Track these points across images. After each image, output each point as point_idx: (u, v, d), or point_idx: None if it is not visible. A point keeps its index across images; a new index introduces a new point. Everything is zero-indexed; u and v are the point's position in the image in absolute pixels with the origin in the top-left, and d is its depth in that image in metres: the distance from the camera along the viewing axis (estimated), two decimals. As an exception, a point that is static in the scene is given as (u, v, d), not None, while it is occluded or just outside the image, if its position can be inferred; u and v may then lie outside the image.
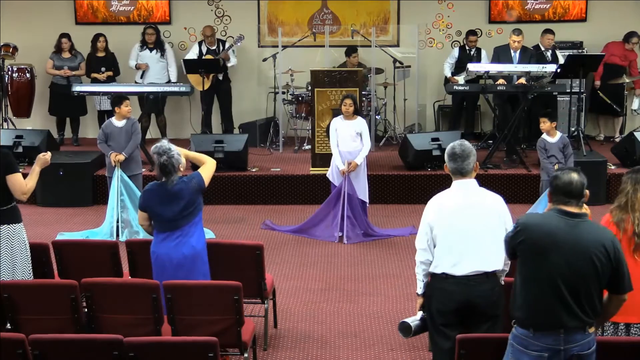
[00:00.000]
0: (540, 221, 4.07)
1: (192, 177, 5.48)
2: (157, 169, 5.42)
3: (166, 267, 5.38)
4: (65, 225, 9.09)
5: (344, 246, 8.38)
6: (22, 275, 5.66)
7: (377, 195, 9.65)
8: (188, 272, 5.36)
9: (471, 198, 4.65)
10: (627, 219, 4.67)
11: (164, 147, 5.41)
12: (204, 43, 11.72)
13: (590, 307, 3.97)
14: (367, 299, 6.97)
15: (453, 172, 4.69)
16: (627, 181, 4.78)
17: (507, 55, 10.66)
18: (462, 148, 4.68)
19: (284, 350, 5.97)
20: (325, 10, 12.42)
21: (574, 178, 4.04)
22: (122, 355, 4.35)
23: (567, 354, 3.96)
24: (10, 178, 5.60)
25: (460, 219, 4.56)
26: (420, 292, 4.76)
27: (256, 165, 10.38)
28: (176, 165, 5.40)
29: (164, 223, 5.42)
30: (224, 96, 11.86)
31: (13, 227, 5.66)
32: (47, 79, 11.94)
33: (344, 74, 9.98)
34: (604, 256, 3.94)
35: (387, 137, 11.83)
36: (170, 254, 5.37)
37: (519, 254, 4.07)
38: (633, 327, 4.68)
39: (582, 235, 3.97)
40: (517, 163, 10.22)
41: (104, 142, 8.55)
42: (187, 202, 5.39)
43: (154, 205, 5.42)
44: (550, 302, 3.95)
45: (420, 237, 4.69)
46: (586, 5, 12.23)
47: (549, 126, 8.36)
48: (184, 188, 5.39)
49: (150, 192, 5.48)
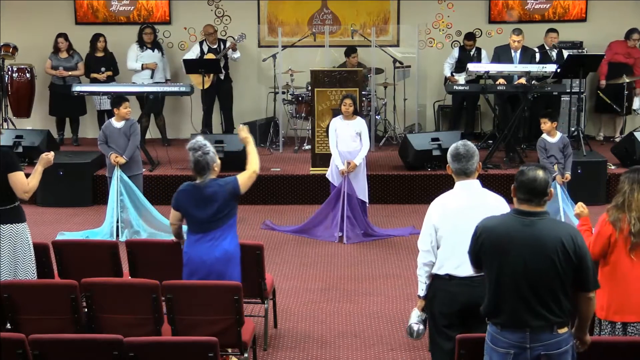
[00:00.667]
0: (497, 223, 4.07)
1: (228, 181, 5.41)
2: (191, 165, 5.36)
3: (198, 269, 5.35)
4: (65, 225, 9.09)
5: (344, 246, 8.38)
6: (26, 275, 5.66)
7: (377, 195, 9.66)
8: (220, 276, 5.32)
9: (475, 199, 4.65)
10: (623, 219, 4.66)
11: (199, 142, 5.36)
12: (205, 42, 11.72)
13: (557, 306, 3.92)
14: (367, 299, 6.97)
15: (457, 172, 4.69)
16: (625, 181, 4.78)
17: (508, 55, 10.66)
18: (466, 148, 4.68)
19: (284, 350, 5.97)
20: (325, 10, 12.42)
21: (539, 176, 3.99)
22: (122, 355, 4.35)
23: (533, 353, 3.94)
24: (12, 176, 5.59)
25: (464, 220, 4.53)
26: (423, 295, 4.75)
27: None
28: (210, 164, 5.33)
29: (197, 224, 5.39)
30: (225, 96, 11.86)
31: (16, 226, 5.65)
32: (47, 79, 11.94)
33: (344, 74, 9.98)
34: (563, 253, 3.89)
35: (387, 137, 11.82)
36: (203, 256, 5.34)
37: (482, 257, 4.04)
38: (630, 326, 4.67)
39: (539, 233, 3.93)
40: (517, 163, 10.22)
41: (105, 143, 8.55)
42: (221, 205, 5.33)
43: (188, 206, 5.38)
44: (514, 302, 3.94)
45: (424, 239, 4.68)
46: (586, 5, 12.23)
47: (550, 126, 8.36)
48: (219, 191, 5.33)
49: (184, 192, 5.43)
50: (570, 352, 4.02)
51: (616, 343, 4.42)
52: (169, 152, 10.63)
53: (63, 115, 12.03)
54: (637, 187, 4.70)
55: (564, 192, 8.27)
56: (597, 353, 4.16)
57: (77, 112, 11.93)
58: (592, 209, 5.03)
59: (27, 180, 5.67)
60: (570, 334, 4.03)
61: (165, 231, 8.52)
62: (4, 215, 5.61)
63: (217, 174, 5.41)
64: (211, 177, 5.36)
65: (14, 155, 5.83)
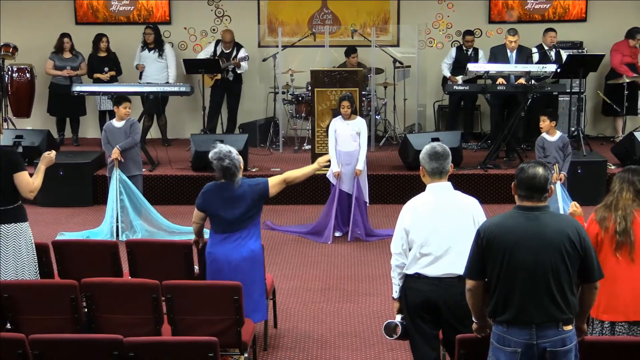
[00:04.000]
0: (501, 220, 4.07)
1: (259, 182, 5.44)
2: (220, 173, 5.36)
3: (224, 269, 5.36)
4: (65, 225, 9.09)
5: (344, 246, 8.38)
6: (29, 275, 5.67)
7: (377, 195, 9.66)
8: (246, 275, 5.34)
9: (446, 200, 4.68)
10: (609, 217, 4.68)
11: (223, 151, 5.36)
12: (221, 44, 11.72)
13: (563, 301, 3.94)
14: (367, 299, 6.97)
15: (432, 172, 4.73)
16: (616, 180, 4.81)
17: (504, 55, 10.67)
18: (442, 147, 4.76)
19: (284, 350, 5.97)
20: (325, 10, 12.42)
21: (539, 172, 4.02)
22: (122, 355, 4.35)
23: (539, 349, 3.95)
24: (17, 176, 5.62)
25: (435, 221, 4.57)
26: (397, 296, 4.77)
27: (256, 165, 10.38)
28: (238, 166, 5.37)
29: (223, 225, 5.39)
30: (233, 97, 11.85)
31: (20, 225, 5.68)
32: (47, 79, 11.93)
33: (344, 74, 9.98)
34: (571, 246, 3.93)
35: (387, 137, 11.82)
36: (229, 256, 5.36)
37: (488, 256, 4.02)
38: (617, 326, 4.68)
39: (545, 227, 3.96)
40: (517, 163, 10.21)
41: (108, 144, 8.57)
42: (249, 205, 5.36)
43: (216, 207, 5.38)
44: (522, 297, 3.94)
45: (396, 242, 4.71)
46: (586, 5, 12.23)
47: (549, 125, 8.34)
48: (248, 192, 5.35)
49: (211, 192, 5.43)
50: (574, 351, 4.03)
51: (604, 343, 4.42)
52: (169, 152, 10.63)
53: (63, 116, 12.02)
54: (626, 187, 4.72)
55: (564, 191, 8.27)
56: (584, 353, 4.15)
57: (77, 112, 11.93)
58: (592, 208, 5.02)
59: (31, 179, 5.70)
60: (575, 332, 4.05)
61: (165, 231, 8.54)
62: (8, 215, 5.64)
63: (242, 171, 5.46)
64: (240, 176, 5.40)
65: (18, 155, 5.89)
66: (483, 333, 4.23)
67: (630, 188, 4.71)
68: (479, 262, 4.07)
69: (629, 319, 4.66)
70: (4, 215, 5.62)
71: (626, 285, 4.64)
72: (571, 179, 8.52)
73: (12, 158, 5.69)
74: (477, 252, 4.07)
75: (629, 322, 4.66)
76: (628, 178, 4.74)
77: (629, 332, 4.66)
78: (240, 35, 11.96)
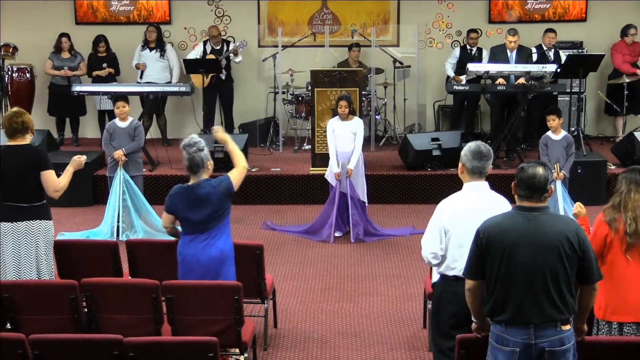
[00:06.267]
0: (500, 220, 4.08)
1: (221, 180, 5.40)
2: (186, 162, 5.35)
3: (194, 268, 5.35)
4: (65, 225, 9.09)
5: (344, 246, 8.38)
6: (47, 273, 5.73)
7: (377, 195, 9.66)
8: (215, 275, 5.33)
9: (484, 200, 4.62)
10: (619, 219, 4.66)
11: (193, 139, 5.37)
12: (209, 42, 11.72)
13: (561, 301, 3.95)
14: (367, 299, 6.97)
15: (472, 171, 4.64)
16: (622, 181, 4.77)
17: (504, 55, 10.66)
18: (487, 148, 4.68)
19: (284, 350, 5.98)
20: (325, 10, 12.42)
21: (538, 172, 4.02)
22: (122, 355, 4.35)
23: (538, 349, 3.95)
24: (44, 174, 5.68)
25: (473, 222, 4.44)
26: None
27: (256, 165, 10.38)
28: (205, 161, 5.34)
29: (192, 226, 5.38)
30: (226, 96, 11.85)
31: (45, 223, 5.76)
32: (47, 79, 11.92)
33: (344, 74, 9.98)
34: (569, 247, 3.93)
35: (387, 137, 11.82)
36: (198, 256, 5.34)
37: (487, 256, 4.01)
38: (626, 327, 4.67)
39: (544, 228, 3.96)
40: (517, 163, 10.21)
41: (109, 143, 8.57)
42: (215, 206, 5.33)
43: (182, 209, 5.36)
44: (521, 297, 3.95)
45: (432, 241, 4.60)
46: (586, 5, 12.23)
47: (558, 123, 8.36)
48: (212, 192, 5.32)
49: (177, 195, 5.40)
50: (572, 351, 4.03)
51: (612, 343, 4.42)
52: (169, 152, 10.62)
53: (63, 116, 12.02)
54: (634, 188, 4.69)
55: (565, 191, 8.27)
56: (593, 353, 4.16)
57: (77, 112, 11.92)
58: (591, 209, 5.03)
59: (58, 179, 5.74)
60: (573, 332, 4.05)
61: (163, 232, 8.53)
62: (35, 212, 5.70)
63: (210, 173, 5.41)
64: (204, 176, 5.36)
65: (46, 153, 5.93)
66: (483, 333, 4.23)
67: (639, 189, 4.69)
68: (478, 262, 4.07)
69: (639, 320, 4.65)
70: (30, 211, 5.68)
71: (637, 287, 4.63)
72: (571, 178, 8.52)
73: (40, 156, 5.75)
74: (477, 252, 4.07)
75: (637, 322, 4.65)
76: (635, 179, 4.71)
77: (637, 332, 4.65)
78: (240, 35, 11.97)
